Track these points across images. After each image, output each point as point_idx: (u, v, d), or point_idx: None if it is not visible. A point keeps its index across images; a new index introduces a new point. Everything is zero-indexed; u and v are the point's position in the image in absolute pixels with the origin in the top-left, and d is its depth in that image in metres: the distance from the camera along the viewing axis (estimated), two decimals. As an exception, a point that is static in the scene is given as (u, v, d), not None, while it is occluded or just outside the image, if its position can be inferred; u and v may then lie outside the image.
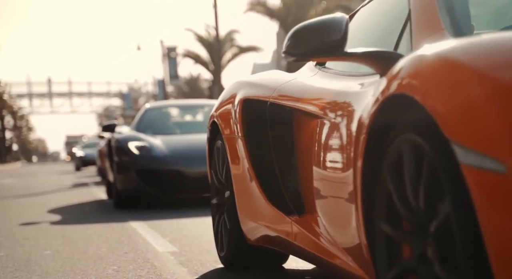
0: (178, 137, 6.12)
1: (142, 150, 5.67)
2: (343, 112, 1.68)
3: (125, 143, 5.77)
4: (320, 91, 1.94)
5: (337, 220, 1.70)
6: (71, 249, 3.43)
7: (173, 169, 5.52)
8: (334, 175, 1.70)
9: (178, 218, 4.81)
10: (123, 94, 51.09)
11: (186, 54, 30.32)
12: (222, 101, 2.59)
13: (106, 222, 4.80)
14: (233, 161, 2.36)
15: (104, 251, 3.31)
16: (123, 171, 5.65)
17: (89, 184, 11.20)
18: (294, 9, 23.25)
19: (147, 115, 6.80)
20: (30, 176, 18.17)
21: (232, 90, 2.52)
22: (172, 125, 6.81)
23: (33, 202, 7.50)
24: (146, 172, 5.56)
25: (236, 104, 2.39)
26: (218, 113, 2.57)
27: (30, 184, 12.58)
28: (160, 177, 5.53)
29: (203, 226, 4.22)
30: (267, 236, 2.20)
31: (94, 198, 7.65)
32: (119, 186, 5.69)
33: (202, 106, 7.34)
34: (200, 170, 5.38)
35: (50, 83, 52.74)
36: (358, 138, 1.45)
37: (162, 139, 5.92)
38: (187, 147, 5.74)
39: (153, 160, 5.61)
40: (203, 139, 5.75)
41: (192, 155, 5.59)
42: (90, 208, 6.25)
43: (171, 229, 4.12)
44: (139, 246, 3.43)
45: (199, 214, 5.05)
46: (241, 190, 2.32)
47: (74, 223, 4.82)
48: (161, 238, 3.68)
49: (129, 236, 3.86)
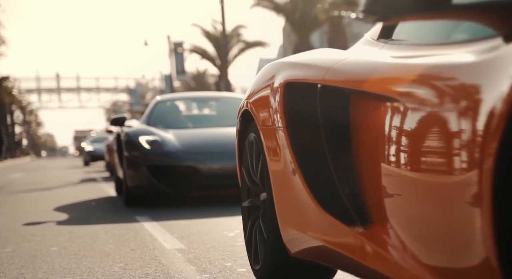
0: (191, 131, 5.81)
1: (154, 145, 5.37)
2: (446, 95, 1.19)
3: (136, 137, 5.47)
4: (398, 68, 1.43)
5: (432, 234, 1.25)
6: (78, 245, 3.39)
7: (186, 164, 5.24)
8: (430, 177, 1.23)
9: (186, 214, 4.76)
10: (130, 90, 51.20)
11: (193, 49, 30.29)
12: (257, 86, 2.10)
13: (113, 218, 4.77)
14: (272, 157, 1.91)
15: (111, 247, 3.28)
16: (134, 166, 5.38)
17: (98, 179, 11.20)
18: (300, 3, 23.11)
19: (158, 108, 6.41)
20: (38, 170, 18.24)
21: (269, 73, 2.04)
22: (185, 118, 6.49)
23: (40, 197, 7.50)
24: (158, 168, 5.27)
25: (276, 89, 1.91)
26: (252, 101, 2.09)
27: (39, 178, 12.61)
28: (172, 173, 5.25)
29: (211, 222, 4.18)
30: (317, 249, 1.75)
31: (102, 194, 7.63)
32: (129, 183, 5.41)
33: (217, 98, 7.04)
34: (215, 166, 5.19)
35: (58, 78, 52.95)
36: (487, 130, 1.03)
37: (174, 133, 5.61)
38: (201, 141, 5.46)
39: (165, 155, 5.30)
40: (218, 133, 5.55)
41: (206, 150, 5.32)
42: (97, 203, 6.23)
43: (178, 225, 4.08)
44: (146, 243, 3.39)
45: (206, 210, 5.00)
46: (283, 192, 1.88)
47: (81, 219, 4.79)
48: (168, 235, 3.64)
49: (136, 233, 3.83)
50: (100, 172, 14.94)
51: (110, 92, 55.78)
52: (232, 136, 5.08)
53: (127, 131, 5.66)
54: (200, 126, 6.00)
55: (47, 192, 8.42)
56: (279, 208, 1.91)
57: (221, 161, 5.17)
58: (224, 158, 5.16)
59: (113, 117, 6.29)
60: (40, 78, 53.75)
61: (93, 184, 9.96)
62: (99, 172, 14.99)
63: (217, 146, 5.31)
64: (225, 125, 5.81)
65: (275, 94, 1.90)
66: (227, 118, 6.02)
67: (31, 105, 53.25)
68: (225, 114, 6.32)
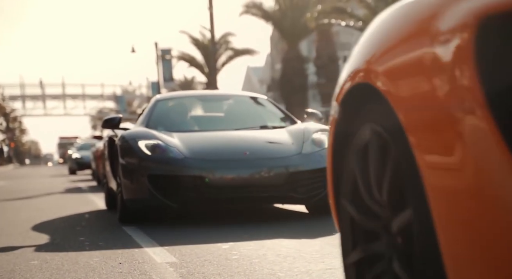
0: (199, 135, 4.78)
1: (156, 150, 4.39)
2: None
3: (134, 141, 4.50)
4: None
5: None
6: (61, 259, 3.15)
7: (194, 174, 4.24)
8: None
9: (175, 224, 4.53)
10: (117, 97, 50.74)
11: (181, 56, 30.10)
12: (393, 37, 1.12)
13: (98, 228, 4.52)
14: (439, 159, 0.95)
15: (96, 261, 3.04)
16: (131, 176, 4.40)
17: (84, 189, 10.88)
18: (289, 11, 23.07)
19: (158, 108, 5.37)
20: (21, 178, 17.80)
21: (425, 7, 1.03)
22: (190, 120, 5.39)
23: (22, 206, 7.19)
24: (160, 178, 4.29)
25: (458, 34, 0.91)
26: (385, 67, 1.11)
27: (21, 186, 12.24)
28: (178, 185, 4.26)
29: (203, 232, 3.95)
30: None
31: (89, 203, 7.35)
32: (126, 195, 4.44)
33: (227, 97, 5.89)
34: (227, 176, 4.26)
35: (42, 85, 52.28)
36: None
37: (179, 137, 4.63)
38: (211, 147, 4.50)
39: (169, 163, 4.31)
40: (231, 137, 4.69)
41: (218, 157, 4.36)
42: (83, 213, 5.96)
43: (168, 236, 3.83)
44: (135, 256, 3.16)
45: (196, 219, 4.78)
46: (463, 221, 0.91)
47: (65, 230, 4.53)
48: (158, 247, 3.41)
49: (123, 244, 3.59)
50: (86, 180, 14.58)
51: (96, 99, 55.26)
52: (249, 140, 4.56)
53: (123, 134, 4.69)
54: (208, 129, 4.98)
55: (29, 200, 8.11)
56: (453, 247, 0.95)
57: (235, 170, 4.28)
58: (238, 166, 4.30)
59: (106, 117, 5.25)
60: (25, 85, 53.07)
61: (78, 193, 9.65)
62: (85, 180, 14.64)
63: (230, 152, 4.42)
64: (238, 128, 5.01)
65: (454, 46, 0.91)
66: (241, 120, 5.26)
67: (15, 112, 52.47)
68: (238, 115, 5.45)
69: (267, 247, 3.26)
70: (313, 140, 4.57)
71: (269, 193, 4.29)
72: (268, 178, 4.27)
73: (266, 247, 3.26)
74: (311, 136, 4.60)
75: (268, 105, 5.68)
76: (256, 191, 4.28)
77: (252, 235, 3.65)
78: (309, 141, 4.55)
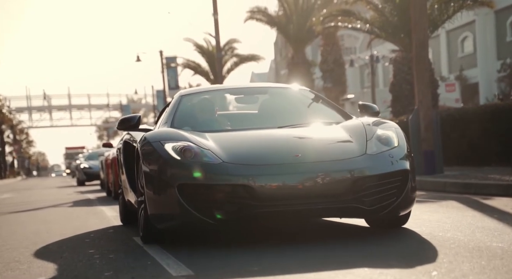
0: (236, 134, 3.92)
1: (186, 154, 3.53)
2: None
3: (160, 143, 3.65)
4: None
5: None
6: (70, 274, 2.96)
7: (235, 183, 3.38)
8: None
9: (188, 232, 4.33)
10: (122, 106, 50.75)
11: (186, 64, 30.01)
12: None
13: (108, 239, 4.33)
14: None
15: (107, 275, 2.85)
16: (157, 187, 3.55)
17: (93, 200, 10.71)
18: (295, 16, 22.94)
19: (183, 104, 4.49)
20: (28, 190, 17.68)
21: None
22: (221, 118, 4.52)
23: (29, 218, 7.02)
24: (193, 188, 3.43)
25: None
26: None
27: (28, 198, 12.09)
28: (216, 196, 3.40)
29: (219, 241, 3.74)
30: None
31: (98, 214, 7.17)
32: (150, 210, 3.61)
33: (262, 90, 4.93)
34: (276, 184, 3.37)
35: (45, 97, 52.36)
36: None
37: (213, 138, 3.77)
38: (253, 148, 3.63)
39: (204, 169, 3.45)
40: (274, 137, 3.80)
41: (262, 161, 3.49)
42: (91, 224, 5.77)
43: (181, 246, 3.62)
44: (148, 269, 2.96)
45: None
46: None
47: (73, 242, 4.34)
48: (172, 258, 3.21)
49: (135, 257, 3.39)
50: (95, 191, 14.41)
51: (102, 109, 55.30)
52: (299, 140, 3.67)
53: (145, 136, 3.85)
54: (245, 128, 4.11)
55: (36, 212, 7.94)
56: None
57: (282, 176, 3.40)
58: (287, 171, 3.41)
59: (123, 117, 4.41)
60: (31, 97, 53.24)
61: (87, 204, 9.48)
62: (94, 191, 14.46)
63: (278, 154, 3.54)
64: (282, 125, 4.08)
65: None
66: (283, 116, 4.31)
67: (22, 124, 52.60)
68: (279, 110, 4.47)
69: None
70: (378, 137, 3.68)
71: (327, 204, 3.37)
72: (326, 185, 3.36)
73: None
74: (375, 133, 3.71)
75: (313, 97, 4.68)
76: (311, 203, 3.36)
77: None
78: (374, 139, 3.66)
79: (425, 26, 9.21)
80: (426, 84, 9.13)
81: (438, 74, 26.33)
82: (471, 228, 3.73)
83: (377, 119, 4.07)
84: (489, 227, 3.77)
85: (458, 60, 28.09)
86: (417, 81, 9.13)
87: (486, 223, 3.98)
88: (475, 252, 2.92)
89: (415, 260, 2.82)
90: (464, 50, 27.85)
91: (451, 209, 5.06)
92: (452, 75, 27.97)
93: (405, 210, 3.63)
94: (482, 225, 3.85)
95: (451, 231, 3.64)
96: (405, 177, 3.56)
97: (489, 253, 2.89)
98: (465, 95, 26.50)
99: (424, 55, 9.15)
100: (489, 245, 3.08)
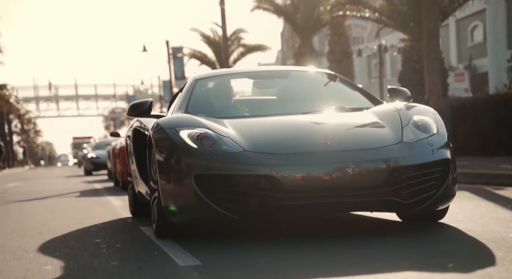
0: (257, 121, 3.61)
1: (204, 142, 3.24)
2: None
3: (174, 130, 3.35)
4: None
5: None
6: (76, 263, 2.91)
7: (258, 173, 3.08)
8: None
9: (196, 222, 4.26)
10: (129, 97, 50.80)
11: (192, 54, 29.91)
12: None
13: (115, 229, 4.28)
14: None
15: (114, 265, 2.79)
16: (172, 177, 3.27)
17: (100, 190, 10.70)
18: (302, 6, 22.73)
19: (198, 89, 4.16)
20: (36, 179, 17.74)
21: None
22: (240, 103, 4.21)
23: (36, 207, 7.00)
24: (211, 179, 3.14)
25: None
26: None
27: (35, 187, 12.12)
28: (236, 188, 3.12)
29: (228, 231, 3.68)
30: None
31: (104, 204, 7.15)
32: (164, 202, 3.34)
33: (283, 74, 4.52)
34: (303, 175, 3.07)
35: (51, 87, 52.49)
36: None
37: (232, 124, 3.47)
38: (277, 136, 3.34)
39: (224, 158, 3.15)
40: (299, 123, 3.49)
41: (287, 149, 3.18)
42: (98, 213, 5.74)
43: (189, 236, 3.56)
44: (155, 259, 2.91)
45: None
46: None
47: (80, 231, 4.30)
48: (180, 248, 3.15)
49: (142, 246, 3.34)
50: (101, 181, 14.40)
51: (109, 99, 55.38)
52: (328, 126, 3.40)
53: (159, 122, 3.55)
54: (266, 114, 3.78)
55: (43, 201, 7.93)
56: None
57: (310, 166, 3.10)
58: (315, 161, 3.11)
59: (134, 102, 4.10)
60: (38, 87, 53.39)
61: (93, 194, 9.46)
62: (101, 181, 14.46)
63: (304, 142, 3.24)
64: (307, 111, 3.75)
65: None
66: (307, 101, 3.97)
67: (29, 114, 52.83)
68: (302, 95, 4.14)
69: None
70: (415, 123, 3.34)
71: (359, 197, 3.07)
72: (358, 176, 3.05)
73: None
74: (411, 119, 3.37)
75: (339, 81, 4.33)
76: (340, 196, 3.07)
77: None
78: (410, 125, 3.32)
79: (436, 15, 9.07)
80: (437, 74, 9.00)
81: (447, 64, 26.08)
82: (485, 219, 3.65)
83: (411, 104, 3.71)
84: (504, 217, 3.68)
85: (467, 49, 27.79)
86: (428, 70, 9.00)
87: (501, 213, 3.89)
88: (491, 243, 2.84)
89: (429, 252, 2.75)
90: (474, 40, 27.54)
91: (463, 199, 4.97)
92: (461, 65, 27.70)
93: (444, 204, 3.28)
94: (497, 216, 3.76)
95: (464, 222, 3.55)
96: (446, 167, 3.21)
97: (506, 244, 2.80)
98: (474, 85, 26.25)
99: (435, 45, 9.02)
100: (505, 236, 3.00)
